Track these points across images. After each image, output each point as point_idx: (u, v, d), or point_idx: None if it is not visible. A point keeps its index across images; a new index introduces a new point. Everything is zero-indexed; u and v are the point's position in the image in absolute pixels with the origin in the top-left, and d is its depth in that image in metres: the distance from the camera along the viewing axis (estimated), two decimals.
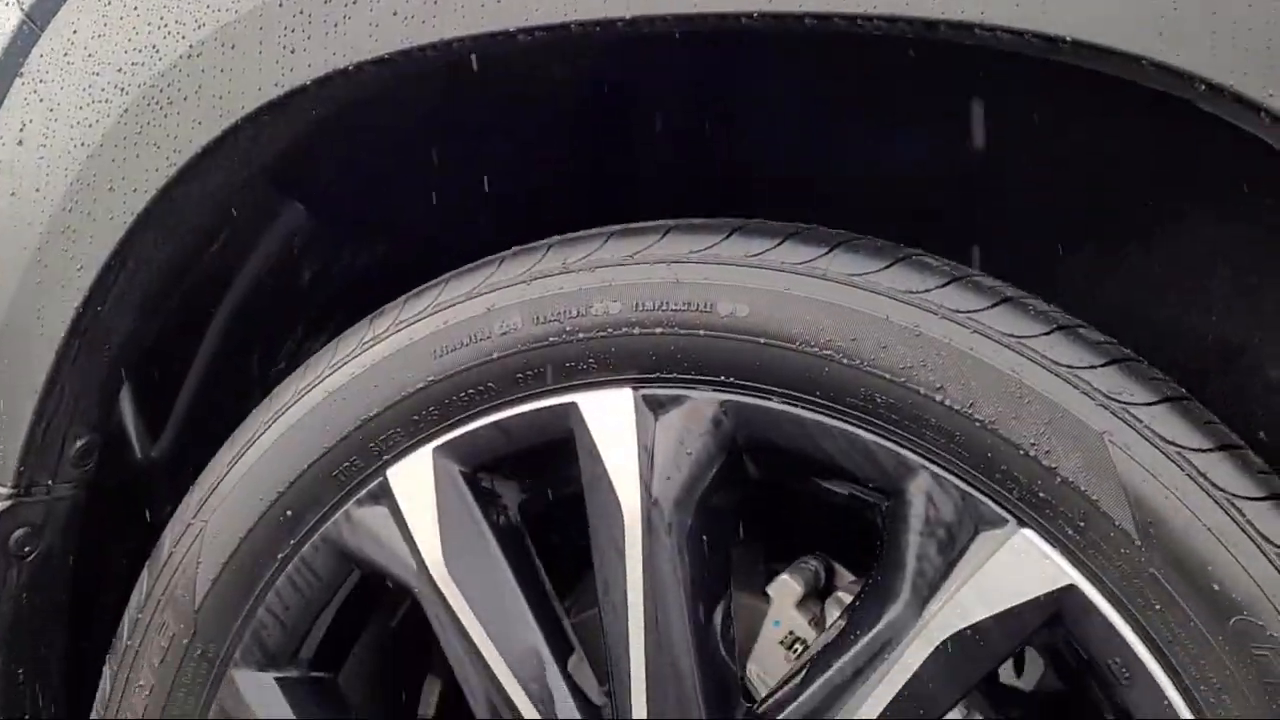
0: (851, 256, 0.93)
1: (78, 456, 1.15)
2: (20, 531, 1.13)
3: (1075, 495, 0.84)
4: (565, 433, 0.98)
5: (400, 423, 1.02)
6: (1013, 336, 0.87)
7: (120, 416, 1.25)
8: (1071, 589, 0.85)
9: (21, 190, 1.08)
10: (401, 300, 1.06)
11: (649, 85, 1.23)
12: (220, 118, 1.00)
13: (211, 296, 1.25)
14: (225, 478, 1.08)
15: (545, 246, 1.02)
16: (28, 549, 1.14)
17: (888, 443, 0.90)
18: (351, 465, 1.04)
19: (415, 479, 1.02)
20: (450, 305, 1.01)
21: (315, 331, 1.35)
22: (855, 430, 0.91)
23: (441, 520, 1.02)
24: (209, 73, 1.00)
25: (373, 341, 1.04)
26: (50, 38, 1.08)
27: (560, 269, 0.99)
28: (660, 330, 0.94)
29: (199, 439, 1.19)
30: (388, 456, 1.03)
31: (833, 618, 1.14)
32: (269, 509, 1.06)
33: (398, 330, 1.03)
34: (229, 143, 1.02)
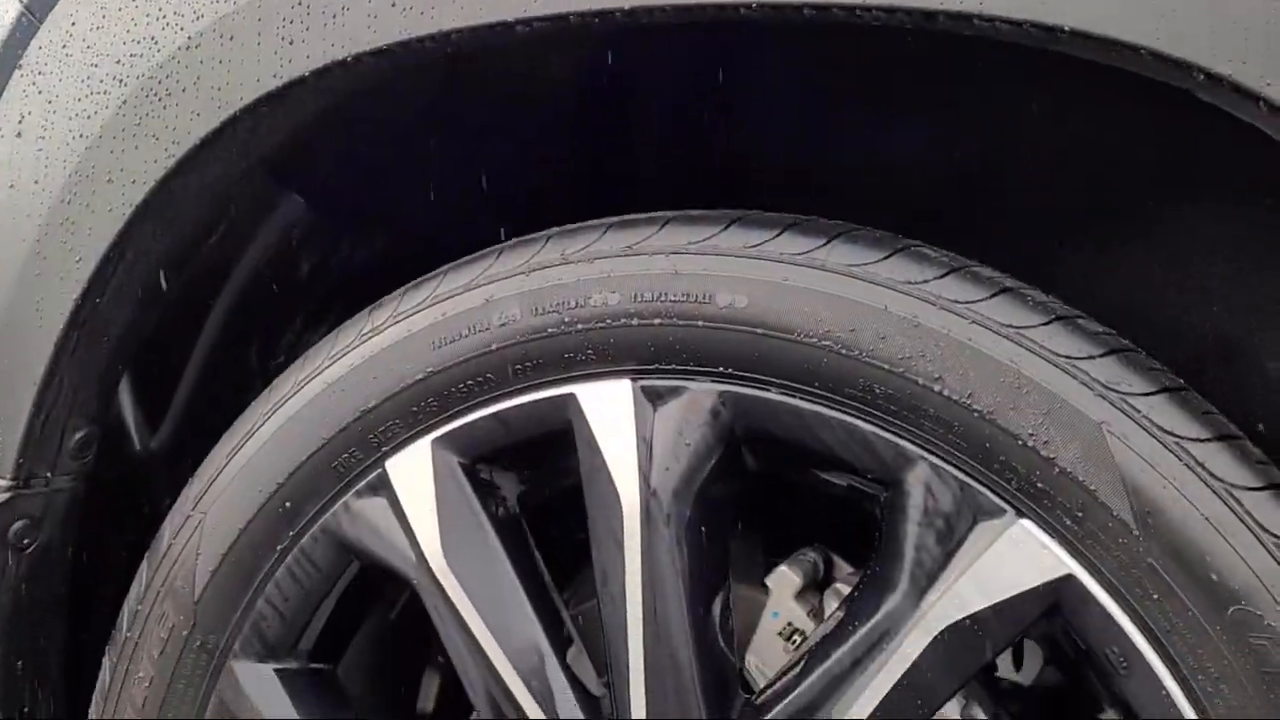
0: (850, 247, 0.93)
1: (77, 448, 1.15)
2: (19, 523, 1.13)
3: (1073, 485, 0.84)
4: (564, 424, 0.98)
5: (399, 414, 1.02)
6: (1011, 327, 0.87)
7: (119, 409, 1.25)
8: (1069, 579, 0.85)
9: (20, 182, 1.08)
10: (400, 292, 1.06)
11: (647, 78, 1.23)
12: (219, 109, 1.00)
13: (210, 288, 1.25)
14: (224, 470, 1.08)
15: (544, 238, 1.02)
16: (27, 541, 1.14)
17: (886, 433, 0.90)
18: (350, 457, 1.04)
19: (414, 470, 1.02)
20: (449, 297, 1.01)
21: (314, 323, 1.35)
22: (853, 421, 0.91)
23: (440, 512, 1.02)
24: (207, 64, 1.00)
25: (371, 333, 1.04)
26: (49, 29, 1.08)
27: (559, 260, 0.99)
28: (659, 321, 0.94)
29: (198, 431, 1.20)
30: (387, 448, 1.03)
31: (831, 609, 1.14)
32: (268, 501, 1.06)
33: (396, 322, 1.03)
34: (227, 134, 1.02)
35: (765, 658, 1.14)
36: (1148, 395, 0.85)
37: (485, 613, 1.01)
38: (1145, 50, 0.75)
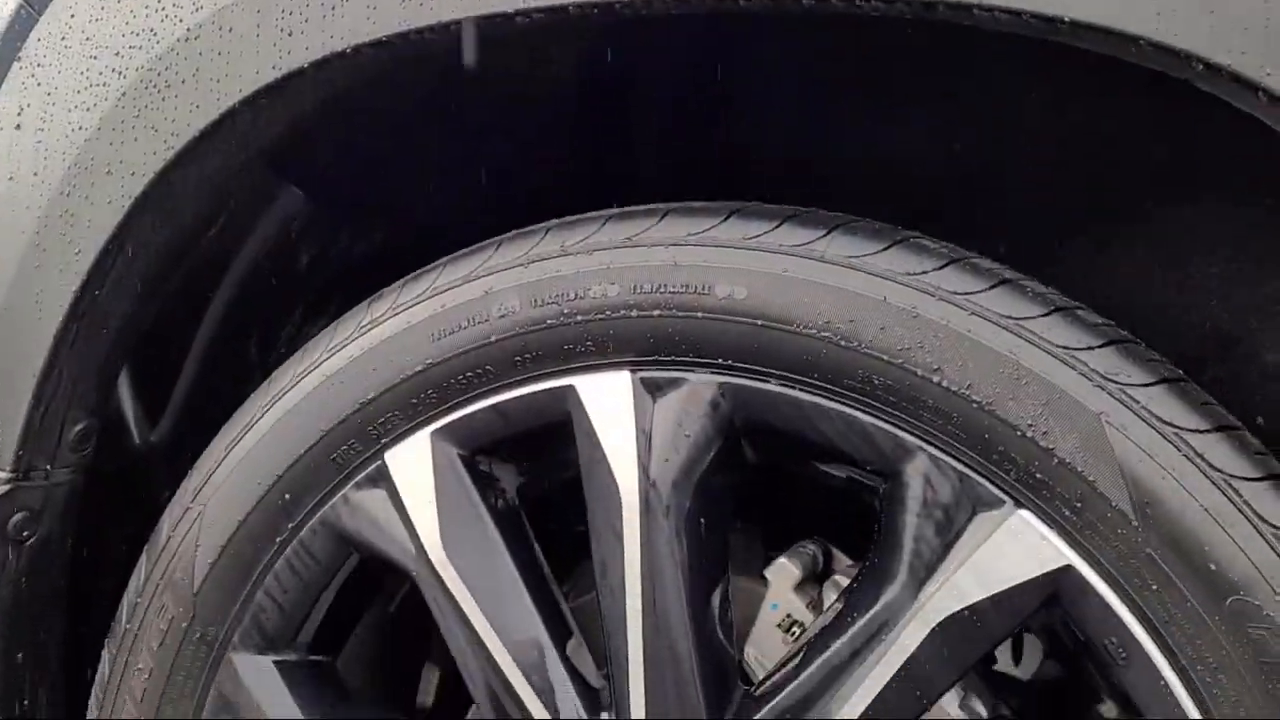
0: (849, 239, 0.93)
1: (76, 441, 1.15)
2: (19, 516, 1.13)
3: (1072, 476, 0.84)
4: (563, 415, 0.98)
5: (398, 406, 1.02)
6: (1010, 318, 0.87)
7: (118, 401, 1.25)
8: (1068, 570, 0.85)
9: (19, 174, 1.08)
10: (399, 284, 1.06)
11: (647, 71, 1.23)
12: (218, 101, 1.00)
13: (209, 280, 1.25)
14: (223, 462, 1.08)
15: (543, 230, 1.02)
16: (26, 533, 1.14)
17: (885, 424, 0.90)
18: (350, 449, 1.04)
19: (413, 462, 1.02)
20: (448, 288, 1.01)
21: (313, 315, 1.35)
22: (853, 412, 0.91)
23: (439, 503, 1.02)
24: (206, 56, 1.00)
25: (370, 325, 1.04)
26: (48, 21, 1.08)
27: (558, 252, 0.99)
28: (658, 313, 0.94)
29: (197, 424, 1.20)
30: (386, 440, 1.03)
31: (830, 601, 1.14)
32: (267, 493, 1.06)
33: (396, 314, 1.03)
34: (226, 126, 1.02)
35: (764, 649, 1.14)
36: (1146, 386, 0.85)
37: (484, 605, 1.01)
38: (1145, 41, 0.75)
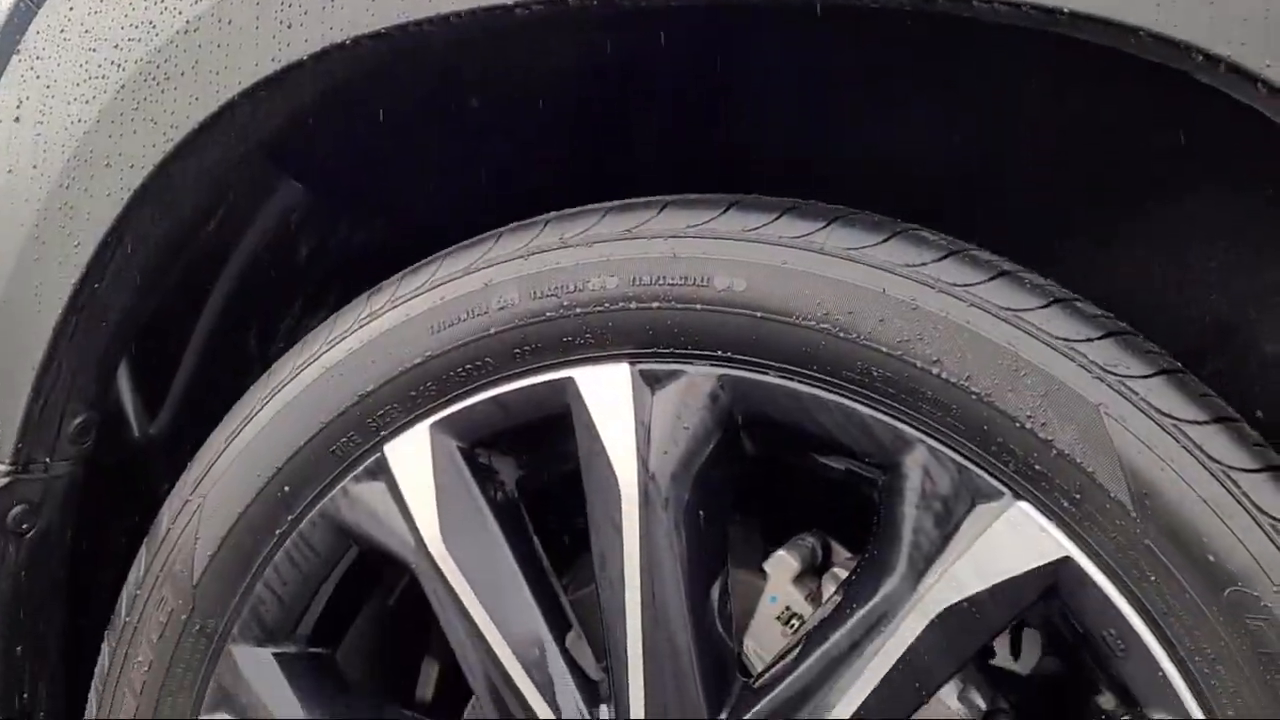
0: (848, 231, 0.93)
1: (75, 433, 1.15)
2: (18, 508, 1.13)
3: (1071, 467, 0.84)
4: (562, 408, 0.98)
5: (398, 398, 1.02)
6: (1009, 310, 0.87)
7: (118, 394, 1.25)
8: (1067, 561, 0.85)
9: (19, 167, 1.08)
10: (399, 276, 1.06)
11: (646, 65, 1.23)
12: (217, 93, 1.00)
13: (209, 273, 1.25)
14: (223, 454, 1.08)
15: (542, 222, 1.02)
16: (26, 526, 1.14)
17: (884, 416, 0.90)
18: (349, 441, 1.04)
19: (413, 455, 1.02)
20: (447, 281, 1.01)
21: (313, 308, 1.35)
22: (852, 404, 0.91)
23: (439, 496, 1.02)
24: (206, 48, 1.00)
25: (370, 317, 1.04)
26: (47, 14, 1.08)
27: (557, 244, 0.98)
28: (657, 305, 0.94)
29: (196, 416, 1.20)
30: (385, 432, 1.03)
31: (829, 593, 1.14)
32: (266, 485, 1.06)
33: (395, 306, 1.03)
34: (225, 118, 1.02)
35: (763, 642, 1.14)
36: (1145, 378, 0.85)
37: (484, 597, 1.01)
38: (1144, 32, 0.75)
